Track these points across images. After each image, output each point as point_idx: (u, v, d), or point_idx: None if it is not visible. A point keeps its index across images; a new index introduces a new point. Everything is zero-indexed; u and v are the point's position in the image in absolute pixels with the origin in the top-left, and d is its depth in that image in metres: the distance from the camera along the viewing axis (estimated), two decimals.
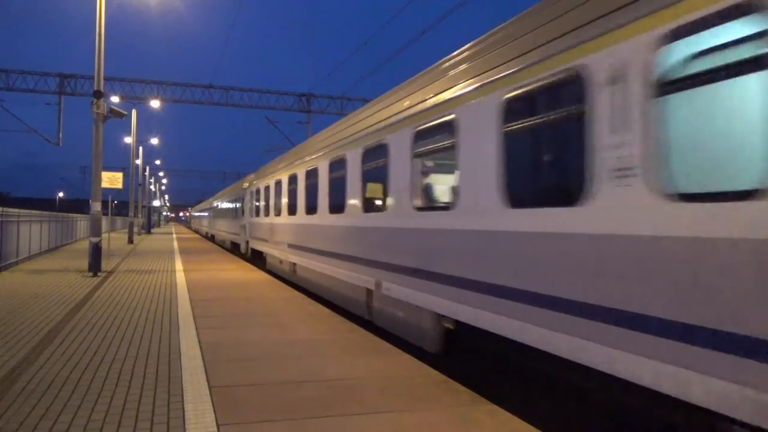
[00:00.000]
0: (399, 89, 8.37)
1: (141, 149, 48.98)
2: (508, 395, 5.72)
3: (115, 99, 33.90)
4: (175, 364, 5.89)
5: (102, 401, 4.68)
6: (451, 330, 6.55)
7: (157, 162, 79.88)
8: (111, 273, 15.30)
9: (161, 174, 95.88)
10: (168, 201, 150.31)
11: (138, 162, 46.94)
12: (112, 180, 20.51)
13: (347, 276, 9.59)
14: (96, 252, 14.94)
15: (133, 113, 36.59)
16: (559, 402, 5.17)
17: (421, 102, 7.04)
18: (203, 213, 57.36)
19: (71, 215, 30.71)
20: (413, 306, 7.14)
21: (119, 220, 60.00)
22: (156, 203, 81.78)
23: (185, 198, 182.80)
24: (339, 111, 39.96)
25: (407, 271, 7.17)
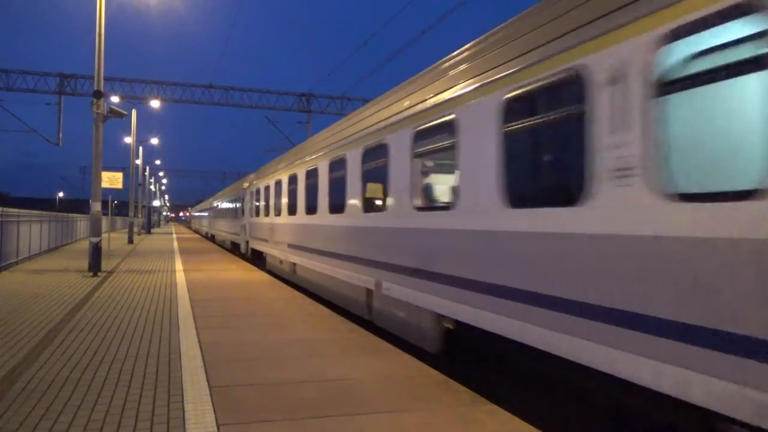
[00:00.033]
0: (399, 89, 8.36)
1: (141, 149, 49.08)
2: (508, 395, 5.72)
3: (115, 99, 33.93)
4: (175, 364, 5.90)
5: (102, 401, 4.69)
6: (451, 330, 6.54)
7: (157, 162, 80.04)
8: (111, 273, 15.30)
9: (161, 174, 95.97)
10: (168, 201, 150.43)
11: (138, 162, 46.96)
12: (112, 180, 20.53)
13: (347, 276, 9.55)
14: (96, 252, 14.95)
15: (133, 113, 36.63)
16: (559, 402, 5.17)
17: (422, 102, 7.02)
18: (203, 213, 57.34)
19: (71, 215, 30.72)
20: (413, 306, 7.12)
21: (119, 220, 60.00)
22: (156, 203, 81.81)
23: (185, 198, 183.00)
24: (339, 111, 39.96)
25: (407, 271, 7.16)
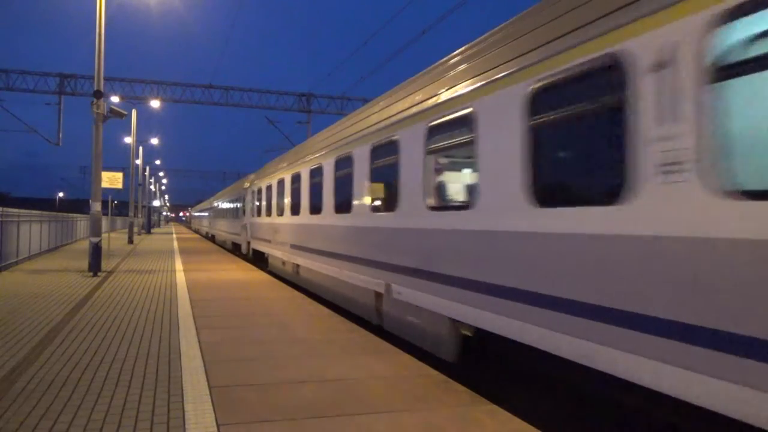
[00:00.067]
0: (410, 83, 7.97)
1: (141, 149, 49.08)
2: (508, 395, 5.71)
3: (115, 99, 33.93)
4: (175, 364, 5.90)
5: (102, 401, 4.69)
6: (470, 337, 6.12)
7: (157, 162, 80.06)
8: (111, 273, 15.30)
9: (161, 174, 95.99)
10: (168, 201, 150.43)
11: (138, 162, 46.96)
12: (112, 180, 20.52)
13: (354, 278, 9.16)
14: (96, 252, 14.95)
15: (133, 113, 36.63)
16: (559, 402, 5.16)
17: (436, 95, 6.65)
18: (203, 213, 57.29)
19: (71, 215, 30.72)
20: (427, 311, 6.73)
21: (119, 220, 59.98)
22: (156, 203, 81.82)
23: (185, 198, 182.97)
24: (339, 111, 39.99)
25: (419, 274, 6.80)
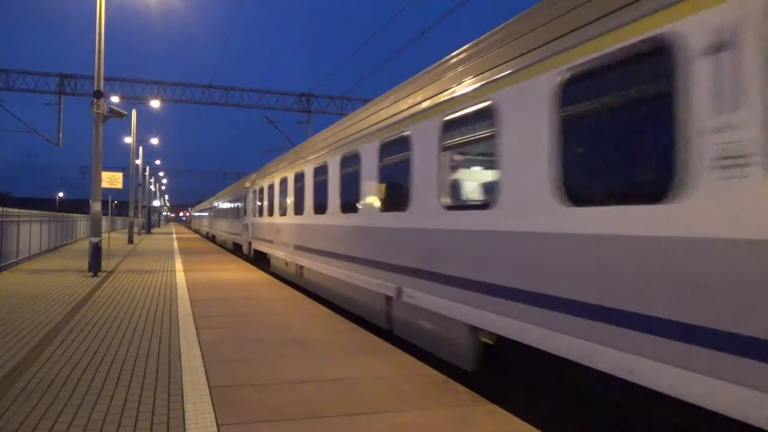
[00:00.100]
0: (422, 76, 7.66)
1: (141, 149, 49.07)
2: (508, 395, 5.71)
3: (115, 99, 33.92)
4: (175, 364, 5.90)
5: (102, 401, 4.69)
6: (490, 345, 5.77)
7: (157, 162, 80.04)
8: (111, 273, 15.30)
9: (161, 174, 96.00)
10: (168, 201, 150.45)
11: (138, 162, 46.96)
12: (112, 180, 20.53)
13: (362, 281, 8.78)
14: (96, 252, 14.95)
15: (133, 113, 36.63)
16: (559, 402, 5.16)
17: (452, 88, 6.34)
18: (204, 213, 57.26)
19: (71, 215, 30.73)
20: (442, 316, 6.38)
21: (119, 220, 59.99)
22: (156, 203, 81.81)
23: (185, 198, 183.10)
24: (339, 111, 40.01)
25: (434, 278, 6.49)
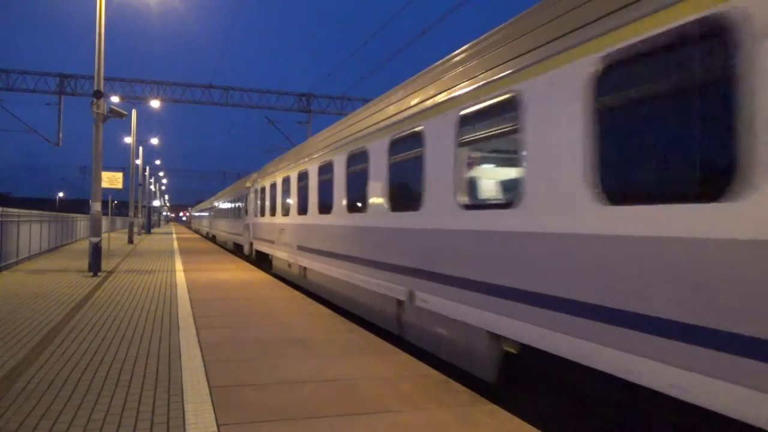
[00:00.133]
0: (435, 69, 7.36)
1: (141, 149, 49.09)
2: (508, 395, 5.71)
3: (115, 99, 33.91)
4: (175, 364, 5.90)
5: (102, 401, 4.69)
6: (514, 354, 5.41)
7: (157, 162, 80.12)
8: (111, 273, 15.30)
9: (161, 174, 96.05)
10: (168, 201, 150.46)
11: (138, 162, 46.97)
12: (112, 180, 20.54)
13: (370, 284, 8.43)
14: (96, 252, 14.96)
15: (133, 113, 36.64)
16: (559, 402, 5.16)
17: (469, 80, 6.03)
18: (204, 213, 57.23)
19: (71, 215, 30.73)
20: (459, 323, 6.05)
21: (119, 220, 60.00)
22: (156, 203, 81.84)
23: (185, 198, 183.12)
24: (339, 111, 40.01)
25: (450, 281, 6.17)
